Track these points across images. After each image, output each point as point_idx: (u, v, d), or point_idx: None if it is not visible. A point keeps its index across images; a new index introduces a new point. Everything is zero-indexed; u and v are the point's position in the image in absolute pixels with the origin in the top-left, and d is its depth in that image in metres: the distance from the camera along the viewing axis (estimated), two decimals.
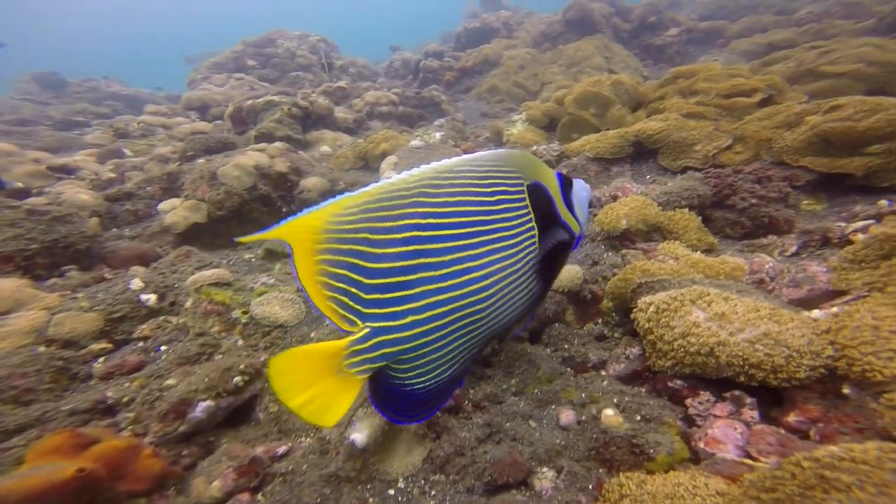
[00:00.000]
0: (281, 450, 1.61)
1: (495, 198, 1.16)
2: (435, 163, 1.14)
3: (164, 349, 2.04)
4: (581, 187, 1.43)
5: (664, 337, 1.41)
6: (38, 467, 1.31)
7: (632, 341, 1.66)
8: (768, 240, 2.20)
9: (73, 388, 1.92)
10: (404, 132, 4.93)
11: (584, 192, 1.44)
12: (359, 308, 1.05)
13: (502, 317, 1.20)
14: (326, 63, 8.30)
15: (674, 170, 3.02)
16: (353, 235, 1.03)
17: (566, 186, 1.37)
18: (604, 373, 1.66)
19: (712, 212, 2.44)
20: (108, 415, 1.78)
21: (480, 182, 1.15)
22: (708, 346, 1.29)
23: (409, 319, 1.06)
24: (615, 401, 1.44)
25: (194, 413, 1.63)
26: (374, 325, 1.05)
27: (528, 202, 1.23)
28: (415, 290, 1.06)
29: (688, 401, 1.37)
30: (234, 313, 2.07)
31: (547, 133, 4.39)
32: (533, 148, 3.77)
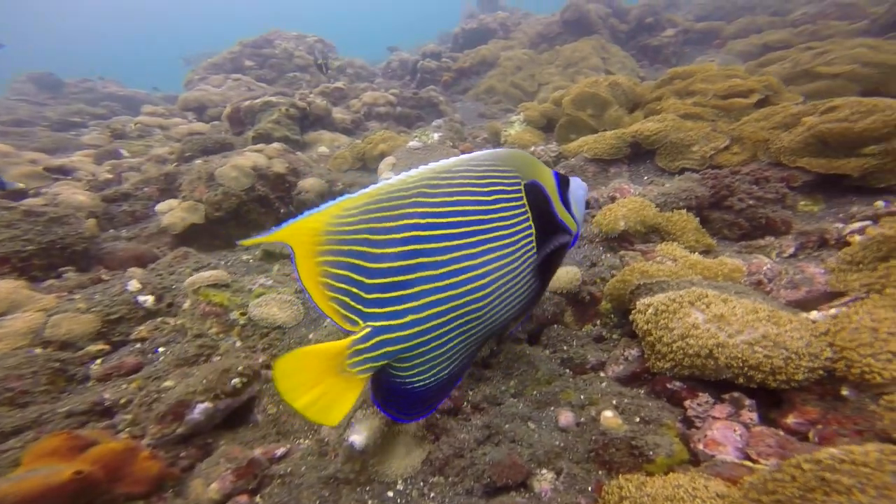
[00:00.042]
0: (279, 451, 1.60)
1: (493, 197, 1.17)
2: (433, 163, 1.15)
3: (162, 351, 2.03)
4: (578, 186, 1.44)
5: (663, 339, 1.41)
6: (35, 470, 1.30)
7: (630, 343, 1.66)
8: (766, 241, 2.20)
9: (70, 390, 1.92)
10: (402, 133, 4.92)
11: (581, 190, 1.45)
12: (360, 308, 1.06)
13: (500, 315, 1.21)
14: (323, 63, 8.30)
15: (671, 171, 3.02)
16: (354, 236, 1.04)
17: (563, 185, 1.38)
18: (602, 374, 1.66)
19: (710, 213, 2.45)
20: (106, 417, 1.77)
21: (478, 182, 1.16)
22: (707, 347, 1.29)
23: (408, 318, 1.08)
24: (614, 402, 1.44)
25: (192, 415, 1.62)
26: (374, 325, 1.06)
27: (525, 201, 1.24)
28: (414, 289, 1.07)
29: (687, 402, 1.37)
30: (233, 315, 2.07)
31: (545, 134, 4.39)
32: (531, 149, 3.76)
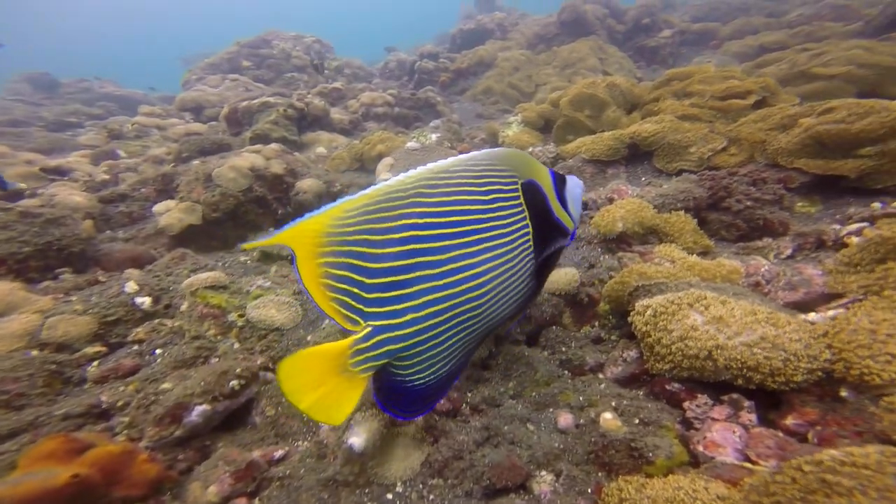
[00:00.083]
0: (278, 454, 1.60)
1: (490, 197, 1.19)
2: (431, 164, 1.17)
3: (160, 353, 2.02)
4: (574, 184, 1.46)
5: (662, 340, 1.41)
6: (32, 473, 1.29)
7: (629, 344, 1.67)
8: (763, 242, 2.21)
9: (66, 393, 1.90)
10: (400, 133, 4.92)
11: (578, 188, 1.47)
12: (361, 307, 1.08)
13: (498, 313, 1.23)
14: (318, 64, 8.29)
15: (669, 172, 3.02)
16: (354, 237, 1.06)
17: (560, 184, 1.40)
18: (601, 376, 1.66)
19: (708, 214, 2.45)
20: (103, 419, 1.75)
21: (475, 182, 1.18)
22: (706, 349, 1.29)
23: (408, 317, 1.09)
24: (613, 404, 1.44)
25: (190, 417, 1.61)
26: (375, 324, 1.08)
27: (522, 200, 1.26)
28: (413, 288, 1.09)
29: (686, 404, 1.37)
30: (231, 316, 2.06)
31: (542, 135, 4.39)
32: (529, 150, 3.76)
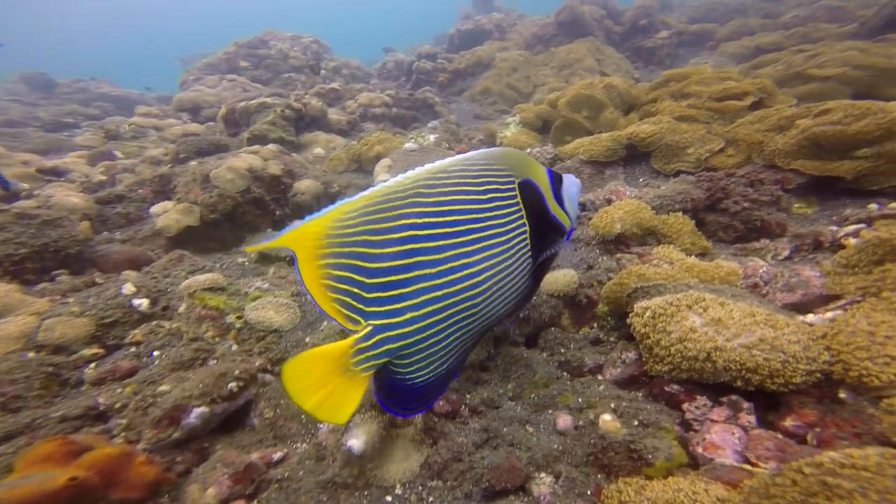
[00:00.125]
0: (276, 456, 1.59)
1: (487, 196, 1.21)
2: (429, 164, 1.19)
3: (157, 354, 2.02)
4: (571, 182, 1.49)
5: (661, 342, 1.41)
6: (29, 476, 1.28)
7: (627, 345, 1.67)
8: (761, 243, 2.21)
9: (63, 395, 1.89)
10: (398, 134, 4.92)
11: (574, 187, 1.49)
12: (361, 307, 1.10)
13: (495, 310, 1.26)
14: (314, 64, 8.28)
15: (667, 173, 3.03)
16: (354, 238, 1.08)
17: (556, 182, 1.43)
18: (600, 377, 1.66)
19: (705, 215, 2.46)
20: (100, 421, 1.75)
21: (473, 181, 1.20)
22: (705, 351, 1.30)
23: (408, 316, 1.12)
24: (612, 406, 1.44)
25: (188, 419, 1.61)
26: (375, 323, 1.10)
27: (519, 199, 1.28)
28: (412, 287, 1.11)
29: (685, 405, 1.37)
30: (229, 318, 2.06)
31: (540, 135, 4.40)
32: (527, 150, 3.77)
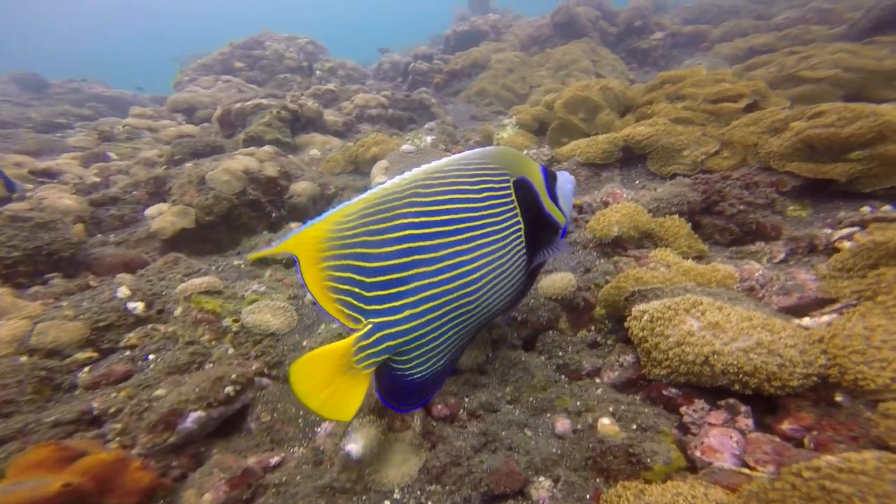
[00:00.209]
0: (274, 460, 1.58)
1: (483, 195, 1.24)
2: (425, 165, 1.21)
3: (153, 358, 2.00)
4: (565, 180, 1.52)
5: (659, 346, 1.41)
6: (21, 482, 1.27)
7: (625, 348, 1.67)
8: (756, 246, 2.22)
9: (56, 399, 1.87)
10: (394, 135, 4.91)
11: (569, 184, 1.52)
12: (362, 306, 1.14)
13: (491, 306, 1.29)
14: (308, 66, 8.27)
15: (663, 175, 3.04)
16: (353, 240, 1.11)
17: (550, 180, 1.46)
18: (598, 380, 1.66)
19: (701, 218, 2.46)
20: (94, 426, 1.73)
21: (468, 181, 1.23)
22: (703, 355, 1.30)
23: (406, 313, 1.15)
24: (611, 409, 1.44)
25: (185, 424, 1.59)
26: (375, 321, 1.14)
27: (514, 197, 1.31)
28: (410, 285, 1.15)
29: (682, 409, 1.38)
30: (225, 322, 2.04)
31: (537, 137, 4.41)
32: (524, 152, 3.77)
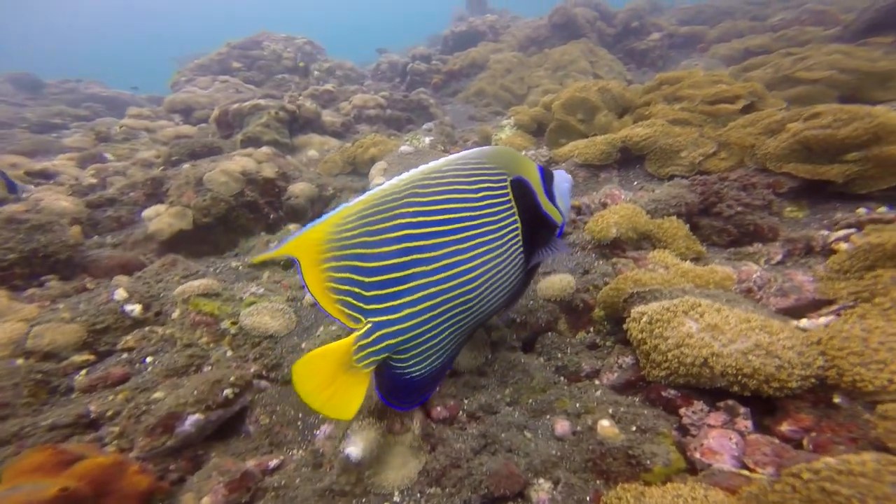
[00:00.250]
0: (273, 463, 1.58)
1: (480, 195, 1.25)
2: (423, 165, 1.23)
3: (150, 361, 1.99)
4: (562, 178, 1.53)
5: (658, 347, 1.42)
6: (18, 487, 1.26)
7: (624, 350, 1.67)
8: (754, 248, 2.23)
9: (53, 402, 1.86)
10: (392, 136, 4.91)
11: (566, 183, 1.53)
12: (362, 305, 1.16)
13: (489, 304, 1.30)
14: (305, 66, 8.27)
15: (661, 176, 3.04)
16: (353, 241, 1.13)
17: (547, 179, 1.46)
18: (597, 382, 1.66)
19: (699, 219, 2.46)
20: (91, 429, 1.72)
21: (466, 180, 1.24)
22: (702, 357, 1.30)
23: (405, 312, 1.17)
24: (610, 411, 1.45)
25: (183, 427, 1.59)
26: (375, 320, 1.16)
27: (511, 196, 1.32)
28: (409, 284, 1.16)
29: (682, 410, 1.38)
30: (223, 324, 2.04)
31: (535, 138, 4.41)
32: (522, 153, 3.77)
